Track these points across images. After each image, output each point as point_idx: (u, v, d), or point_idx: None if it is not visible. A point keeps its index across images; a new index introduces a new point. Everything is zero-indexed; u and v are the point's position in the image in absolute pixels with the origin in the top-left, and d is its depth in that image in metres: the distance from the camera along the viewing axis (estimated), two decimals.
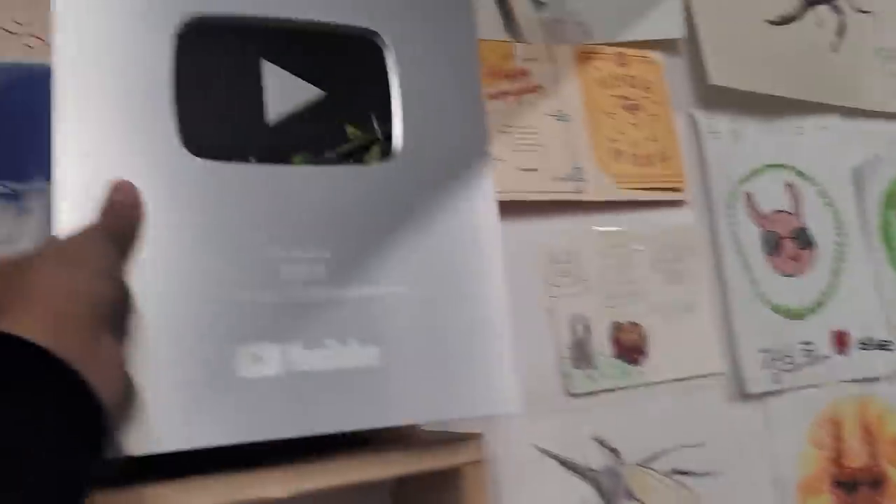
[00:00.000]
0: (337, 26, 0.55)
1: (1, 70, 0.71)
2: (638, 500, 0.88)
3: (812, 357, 1.01)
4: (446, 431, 0.61)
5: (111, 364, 0.40)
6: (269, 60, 0.52)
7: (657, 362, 0.92)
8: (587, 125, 0.96)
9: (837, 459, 0.99)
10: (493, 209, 0.57)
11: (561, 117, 0.94)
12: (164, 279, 0.46)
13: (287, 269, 0.49)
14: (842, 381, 1.02)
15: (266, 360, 0.47)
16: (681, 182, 0.99)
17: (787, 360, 1.00)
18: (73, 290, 0.38)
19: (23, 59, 0.72)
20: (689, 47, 1.05)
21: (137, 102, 0.48)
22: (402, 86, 0.55)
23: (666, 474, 0.90)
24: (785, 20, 1.11)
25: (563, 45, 0.97)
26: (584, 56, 0.98)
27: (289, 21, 0.53)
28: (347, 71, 0.55)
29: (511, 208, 0.89)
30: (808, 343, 1.02)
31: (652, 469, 0.90)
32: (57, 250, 0.41)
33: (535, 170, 0.90)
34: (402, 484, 0.72)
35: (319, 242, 0.50)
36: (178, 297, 0.46)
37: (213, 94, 0.51)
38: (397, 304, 0.51)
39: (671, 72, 1.03)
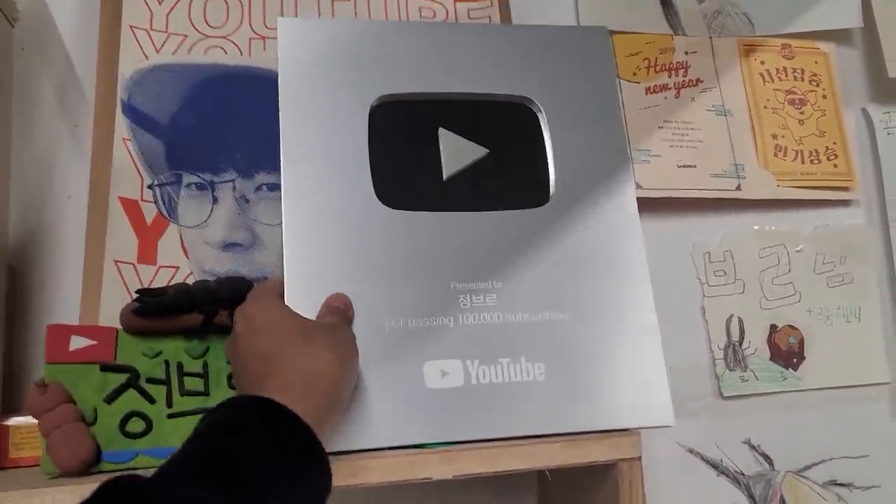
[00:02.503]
0: (497, 96, 0.64)
1: (195, 69, 0.77)
2: None
3: None
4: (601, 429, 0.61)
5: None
6: (443, 127, 0.62)
7: (816, 368, 0.89)
8: (749, 120, 0.93)
9: None
10: (640, 239, 0.62)
11: (721, 112, 0.92)
12: (366, 307, 0.56)
13: (465, 299, 0.57)
14: None
15: (451, 374, 0.56)
16: (850, 181, 0.94)
17: None
18: (341, 377, 0.49)
19: (215, 60, 0.78)
20: (865, 37, 0.99)
21: (342, 163, 0.59)
22: (553, 140, 0.64)
23: (823, 485, 0.87)
24: None
25: (725, 37, 0.95)
26: (748, 48, 0.95)
27: (458, 94, 0.64)
28: (507, 131, 0.64)
29: (667, 205, 0.88)
30: None
31: (807, 479, 0.86)
32: (332, 339, 0.51)
33: (693, 166, 0.89)
34: (549, 480, 0.74)
35: (491, 275, 0.59)
36: (377, 322, 0.56)
37: (399, 155, 0.61)
38: (560, 327, 0.59)
39: (843, 64, 0.98)
